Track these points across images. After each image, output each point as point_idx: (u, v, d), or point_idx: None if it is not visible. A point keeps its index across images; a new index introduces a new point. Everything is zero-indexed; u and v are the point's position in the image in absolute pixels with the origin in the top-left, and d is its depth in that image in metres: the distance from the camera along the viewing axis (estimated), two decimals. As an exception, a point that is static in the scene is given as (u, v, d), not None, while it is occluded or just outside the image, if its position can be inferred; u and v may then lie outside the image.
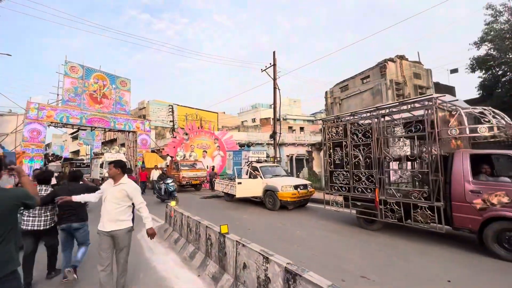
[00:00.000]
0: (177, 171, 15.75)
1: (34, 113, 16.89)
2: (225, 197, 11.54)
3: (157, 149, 25.85)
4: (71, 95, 18.80)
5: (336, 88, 21.01)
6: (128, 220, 3.11)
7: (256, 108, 52.79)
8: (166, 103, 29.46)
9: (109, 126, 20.84)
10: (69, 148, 45.25)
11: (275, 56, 18.83)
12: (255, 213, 8.47)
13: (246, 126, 38.45)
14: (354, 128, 6.30)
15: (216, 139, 21.96)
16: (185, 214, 4.79)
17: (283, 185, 8.63)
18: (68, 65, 18.89)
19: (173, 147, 20.75)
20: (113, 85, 21.39)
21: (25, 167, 16.19)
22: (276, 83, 18.77)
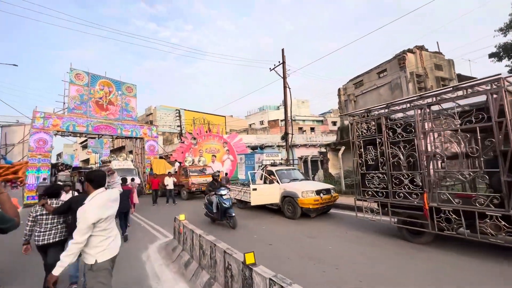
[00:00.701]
0: (186, 177, 15.02)
1: (40, 122, 16.55)
2: (238, 204, 10.68)
3: (165, 155, 25.32)
4: (77, 102, 18.45)
5: (349, 85, 19.94)
6: (89, 255, 2.23)
7: (263, 110, 52.02)
8: (173, 108, 29.02)
9: (116, 133, 20.41)
10: (79, 157, 45.50)
11: (284, 53, 18.02)
12: (273, 223, 7.56)
13: (254, 129, 37.66)
14: (390, 123, 5.35)
15: (225, 142, 21.20)
16: (196, 232, 3.94)
17: (304, 190, 7.71)
18: (73, 72, 18.58)
19: (181, 153, 20.11)
20: (119, 91, 21.00)
21: (32, 177, 15.81)
22: (286, 81, 17.95)
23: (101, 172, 2.52)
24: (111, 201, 2.43)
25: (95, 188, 2.38)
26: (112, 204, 2.44)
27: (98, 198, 2.31)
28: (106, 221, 2.29)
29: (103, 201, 2.32)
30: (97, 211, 2.20)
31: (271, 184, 8.51)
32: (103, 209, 2.28)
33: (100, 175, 2.47)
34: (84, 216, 2.14)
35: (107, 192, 2.45)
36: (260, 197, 8.24)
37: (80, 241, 2.11)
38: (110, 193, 2.47)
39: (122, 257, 5.15)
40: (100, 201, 2.29)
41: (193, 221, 7.31)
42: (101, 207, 2.27)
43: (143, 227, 7.79)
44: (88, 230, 2.15)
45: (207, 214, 8.04)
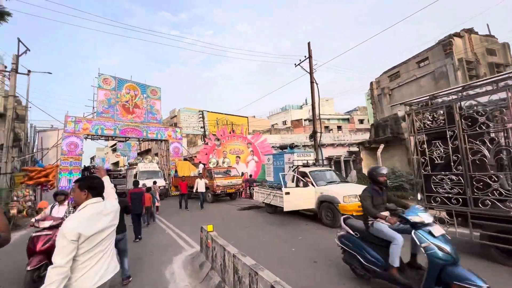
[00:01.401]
0: (211, 179, 14.51)
1: (71, 127, 17.06)
2: (267, 208, 9.85)
3: (189, 157, 25.27)
4: (105, 106, 18.85)
5: (383, 77, 18.27)
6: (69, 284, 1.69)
7: (286, 110, 50.83)
8: (196, 110, 29.01)
9: (142, 135, 20.62)
10: (109, 160, 47.64)
11: (310, 47, 16.98)
12: (310, 232, 6.60)
13: (278, 129, 36.67)
14: (468, 110, 4.20)
15: (249, 143, 20.52)
16: (229, 250, 3.16)
17: (346, 195, 6.68)
18: (101, 77, 19.04)
19: (205, 154, 19.78)
20: (144, 94, 21.24)
21: (64, 180, 16.29)
22: (313, 76, 16.85)
23: (100, 180, 2.11)
24: (104, 215, 1.93)
25: (94, 197, 1.96)
26: (104, 218, 1.92)
27: (87, 210, 1.87)
28: (91, 240, 1.77)
29: (91, 214, 1.85)
30: (78, 226, 1.72)
31: (306, 188, 7.57)
32: (88, 224, 1.78)
33: (101, 183, 2.08)
34: (62, 232, 1.67)
35: (102, 204, 1.97)
36: (294, 202, 7.33)
37: (61, 263, 1.60)
38: (104, 205, 1.97)
39: (144, 271, 4.60)
40: (87, 213, 1.84)
41: (222, 231, 6.64)
42: (86, 221, 1.79)
43: (168, 234, 7.24)
44: (71, 250, 1.66)
45: (348, 259, 3.86)
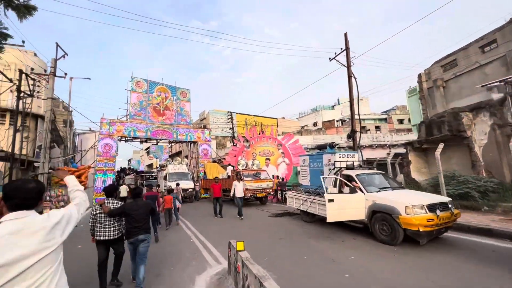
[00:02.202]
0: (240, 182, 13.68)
1: (106, 129, 17.57)
2: (303, 216, 8.66)
3: (218, 159, 24.93)
4: (137, 109, 19.23)
5: (435, 68, 15.82)
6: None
7: (317, 111, 48.69)
8: (225, 112, 28.74)
9: (172, 137, 20.71)
10: (144, 162, 49.82)
11: (347, 38, 15.47)
12: (364, 251, 5.30)
13: (309, 130, 35.00)
14: None
15: (280, 144, 19.41)
16: (267, 286, 2.13)
17: (409, 204, 5.27)
18: (134, 80, 19.49)
19: (234, 156, 19.10)
20: (174, 96, 21.39)
21: (99, 180, 16.72)
22: (351, 70, 15.29)
23: (26, 184, 1.45)
24: (25, 235, 1.29)
25: (10, 209, 1.36)
26: (26, 241, 1.29)
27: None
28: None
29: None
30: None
31: (353, 194, 6.26)
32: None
33: (20, 188, 1.41)
34: None
35: (22, 220, 1.33)
36: (340, 211, 6.08)
37: None
38: (26, 222, 1.33)
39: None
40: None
41: (253, 243, 5.65)
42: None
43: (192, 243, 6.45)
44: None
45: None
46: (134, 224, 3.77)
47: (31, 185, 1.44)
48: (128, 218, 3.82)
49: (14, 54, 13.91)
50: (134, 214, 3.81)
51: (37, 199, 1.44)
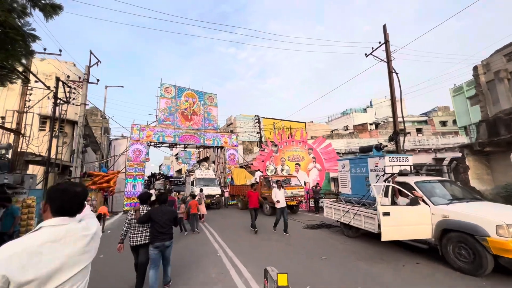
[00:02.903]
0: (269, 189, 12.76)
1: (136, 134, 17.87)
2: (345, 230, 7.47)
3: (245, 165, 24.31)
4: (166, 114, 19.40)
5: (496, 58, 13.53)
6: None
7: (347, 114, 46.24)
8: (252, 116, 28.20)
9: (199, 142, 20.56)
10: (174, 167, 51.17)
11: (386, 30, 14.06)
12: (433, 280, 4.07)
13: (340, 134, 33.06)
14: None
15: (310, 149, 18.17)
16: None
17: (503, 223, 3.94)
18: (163, 87, 19.77)
19: (262, 161, 18.26)
20: (201, 101, 21.36)
21: (129, 185, 16.91)
22: (392, 65, 13.80)
23: (74, 188, 1.34)
24: (65, 244, 1.18)
25: (55, 214, 1.25)
26: (66, 249, 1.18)
27: (36, 236, 1.14)
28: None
29: (40, 244, 1.11)
30: (7, 263, 1.02)
31: (415, 207, 5.01)
32: (29, 261, 1.05)
33: (68, 191, 1.31)
34: None
35: (64, 228, 1.21)
36: (398, 227, 4.88)
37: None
38: (68, 229, 1.22)
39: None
40: (33, 242, 1.11)
41: (291, 263, 4.71)
42: (27, 256, 1.06)
43: (219, 259, 5.65)
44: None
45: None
46: (159, 229, 3.84)
47: (79, 188, 1.36)
48: (153, 223, 3.88)
49: (55, 64, 14.68)
50: (159, 220, 3.88)
51: (82, 204, 1.36)
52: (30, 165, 11.42)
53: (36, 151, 11.48)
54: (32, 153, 10.83)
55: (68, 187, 1.33)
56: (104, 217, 9.73)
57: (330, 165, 17.56)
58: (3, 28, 5.26)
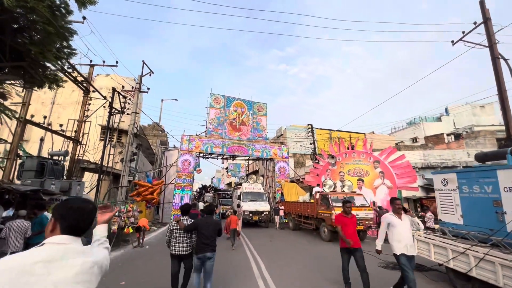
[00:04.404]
0: (328, 209, 10.49)
1: (186, 145, 17.76)
2: (455, 280, 4.89)
3: (296, 179, 22.14)
4: (215, 125, 19.01)
5: None
6: None
7: (416, 124, 39.85)
8: (303, 127, 26.13)
9: (247, 153, 19.45)
10: (224, 180, 51.76)
11: (484, 6, 10.95)
12: None
13: (410, 146, 28.11)
14: None
15: (377, 161, 15.11)
16: None
17: None
18: (213, 97, 19.59)
19: (316, 175, 15.95)
20: (250, 111, 20.49)
21: (177, 196, 16.58)
22: (497, 50, 10.57)
23: (87, 204, 1.30)
24: (57, 268, 1.07)
25: (63, 232, 1.19)
26: (55, 276, 1.05)
27: (34, 253, 1.07)
28: None
29: (31, 263, 1.02)
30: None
31: None
32: (14, 281, 0.96)
33: (82, 209, 1.27)
34: None
35: (64, 248, 1.13)
36: None
37: None
38: (68, 251, 1.13)
39: None
40: (27, 260, 1.02)
41: None
42: (14, 274, 0.97)
43: None
44: None
45: None
46: (203, 240, 3.89)
47: (90, 206, 1.30)
48: (199, 234, 3.95)
49: (117, 79, 15.66)
50: (204, 231, 3.94)
51: (92, 223, 1.30)
52: (86, 173, 11.90)
53: (92, 159, 11.92)
54: (87, 161, 11.19)
55: (80, 204, 1.28)
56: (144, 230, 8.99)
57: (404, 182, 14.16)
58: (34, 16, 4.92)
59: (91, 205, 1.30)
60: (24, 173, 8.36)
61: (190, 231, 4.04)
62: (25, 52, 5.23)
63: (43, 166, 8.49)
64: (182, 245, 4.01)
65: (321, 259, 7.42)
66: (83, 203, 1.28)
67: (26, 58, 5.35)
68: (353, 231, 4.64)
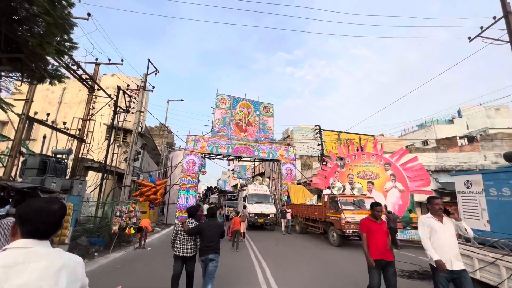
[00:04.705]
0: (337, 212, 10.02)
1: (191, 145, 17.55)
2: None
3: (303, 181, 21.65)
4: (220, 125, 18.76)
5: None
6: None
7: (426, 126, 38.77)
8: (310, 128, 25.63)
9: (253, 155, 19.10)
10: (230, 182, 51.48)
11: (504, 0, 10.39)
12: None
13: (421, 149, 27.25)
14: None
15: (388, 164, 14.53)
16: None
17: None
18: (219, 97, 19.37)
19: (324, 177, 15.48)
20: (256, 111, 20.19)
21: (182, 198, 16.34)
22: (519, 45, 9.95)
23: (51, 205, 1.19)
24: (17, 272, 1.01)
25: (25, 236, 1.12)
26: (15, 281, 0.99)
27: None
28: None
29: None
30: None
31: None
32: None
33: (44, 210, 1.16)
34: None
35: (27, 251, 1.07)
36: None
37: None
38: (29, 255, 1.06)
39: None
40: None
41: None
42: None
43: None
44: None
45: None
46: (206, 243, 3.90)
47: (56, 206, 1.19)
48: (202, 237, 3.97)
49: (123, 78, 15.60)
50: (207, 234, 3.95)
51: (58, 225, 1.20)
52: (90, 172, 11.77)
53: (96, 159, 11.79)
54: (91, 160, 11.06)
55: (43, 205, 1.17)
56: (146, 231, 8.72)
57: (417, 185, 13.54)
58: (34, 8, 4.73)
59: (55, 206, 1.19)
60: (26, 171, 8.23)
61: (194, 235, 4.05)
62: (22, 43, 5.05)
63: (45, 164, 8.34)
64: (186, 247, 4.01)
65: (330, 265, 6.98)
66: (45, 204, 1.18)
67: (24, 50, 5.17)
68: (383, 241, 3.67)
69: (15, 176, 8.64)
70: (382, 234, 3.73)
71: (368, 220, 3.90)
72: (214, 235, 3.97)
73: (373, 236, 3.72)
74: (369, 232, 3.76)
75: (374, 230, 3.74)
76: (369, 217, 3.94)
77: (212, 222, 4.16)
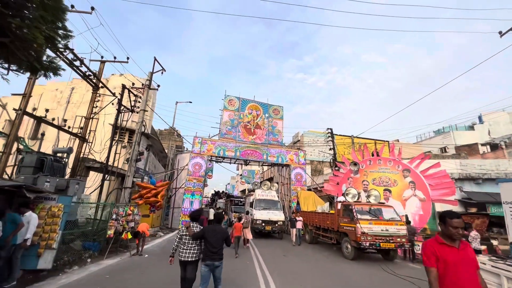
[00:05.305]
0: (351, 222, 9.09)
1: (198, 148, 17.04)
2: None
3: (313, 188, 20.65)
4: (228, 127, 18.21)
5: None
6: None
7: (445, 133, 36.91)
8: (321, 133, 24.70)
9: (261, 158, 18.36)
10: (238, 187, 50.77)
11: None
12: None
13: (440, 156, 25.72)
14: None
15: (407, 170, 13.45)
16: None
17: None
18: (227, 99, 18.89)
19: (336, 184, 14.57)
20: (265, 114, 19.55)
21: (187, 201, 15.76)
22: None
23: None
24: None
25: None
26: None
27: None
28: None
29: None
30: None
31: None
32: None
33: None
34: None
35: None
36: None
37: None
38: None
39: None
40: None
41: None
42: None
43: None
44: None
45: None
46: (211, 248, 3.86)
47: None
48: (206, 242, 3.91)
49: (130, 78, 15.36)
50: (211, 239, 3.90)
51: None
52: (92, 172, 11.41)
53: (98, 159, 11.43)
54: (93, 159, 10.69)
55: None
56: (144, 236, 8.11)
57: (440, 194, 12.39)
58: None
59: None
60: (22, 169, 7.87)
61: (198, 239, 4.03)
62: (7, 27, 4.64)
63: (42, 162, 7.98)
64: (189, 251, 3.98)
65: (343, 280, 6.11)
66: None
67: (10, 35, 4.76)
68: (471, 280, 2.09)
69: (11, 174, 8.30)
70: (469, 266, 2.12)
71: (437, 243, 2.23)
72: (218, 241, 3.92)
73: (451, 271, 2.10)
74: (442, 265, 2.13)
75: (452, 262, 2.11)
76: (438, 237, 2.27)
77: (217, 227, 4.11)
